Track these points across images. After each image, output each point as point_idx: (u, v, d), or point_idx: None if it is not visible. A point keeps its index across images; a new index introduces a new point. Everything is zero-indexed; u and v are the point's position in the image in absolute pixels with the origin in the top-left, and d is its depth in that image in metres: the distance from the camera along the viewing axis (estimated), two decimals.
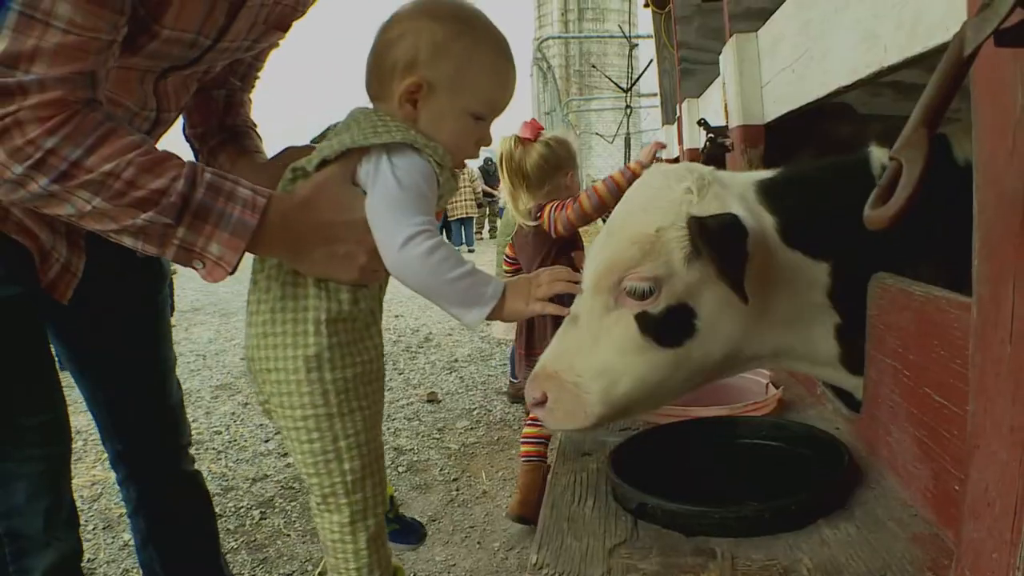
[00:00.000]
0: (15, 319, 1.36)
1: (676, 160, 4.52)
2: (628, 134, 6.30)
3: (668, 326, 1.06)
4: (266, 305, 1.23)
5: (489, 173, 15.99)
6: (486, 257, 13.65)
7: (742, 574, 0.84)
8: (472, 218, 15.53)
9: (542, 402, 1.11)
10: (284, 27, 1.48)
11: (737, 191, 1.11)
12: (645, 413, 1.24)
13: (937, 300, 0.84)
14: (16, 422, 1.37)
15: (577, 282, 1.14)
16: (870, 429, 1.08)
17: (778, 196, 1.12)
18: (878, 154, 1.12)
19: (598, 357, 1.09)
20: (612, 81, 7.76)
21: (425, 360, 5.63)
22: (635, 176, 2.88)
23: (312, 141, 1.42)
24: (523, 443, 2.88)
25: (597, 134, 17.79)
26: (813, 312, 1.11)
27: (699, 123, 2.17)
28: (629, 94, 6.73)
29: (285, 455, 3.67)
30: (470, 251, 14.85)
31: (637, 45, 6.25)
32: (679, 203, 1.06)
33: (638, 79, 8.07)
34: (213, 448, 3.83)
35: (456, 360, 5.57)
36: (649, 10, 5.73)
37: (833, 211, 1.09)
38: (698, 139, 3.43)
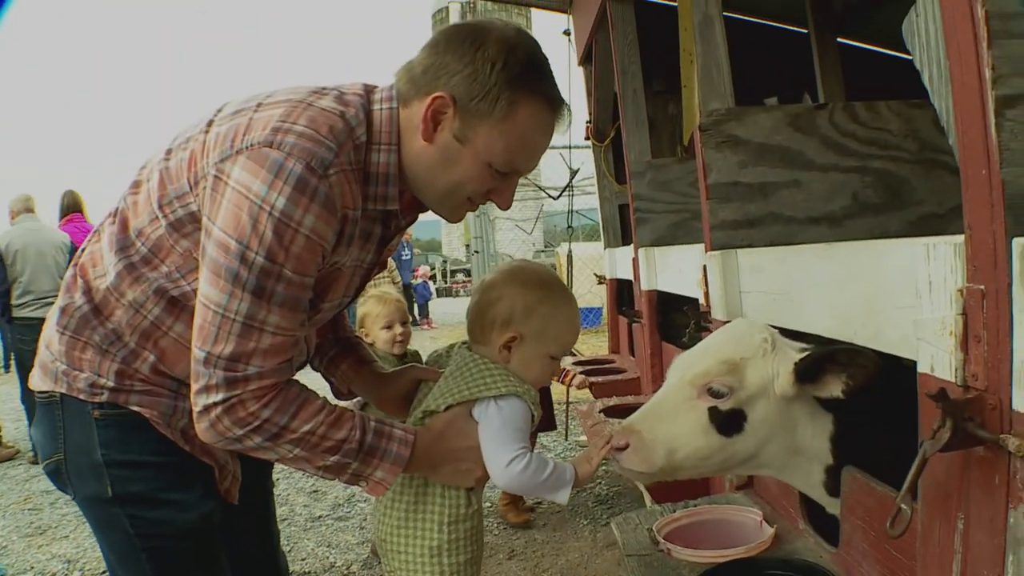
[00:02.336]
0: (213, 526, 1.69)
1: (630, 282, 5.20)
2: (571, 251, 7.02)
3: (728, 421, 1.67)
4: (401, 505, 1.73)
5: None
6: (416, 343, 14.10)
7: None
8: None
9: (625, 447, 1.69)
10: (385, 261, 1.91)
11: (794, 349, 1.71)
12: (684, 475, 1.76)
13: (889, 498, 1.48)
14: None
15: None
16: (847, 561, 1.72)
17: None
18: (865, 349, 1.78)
19: (673, 428, 1.69)
20: (544, 191, 8.55)
21: None
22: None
23: (429, 357, 1.99)
24: None
25: (500, 217, 18.51)
26: (817, 448, 1.71)
27: (684, 310, 2.83)
28: (571, 214, 7.50)
29: None
30: None
31: (578, 170, 7.06)
32: (759, 347, 1.70)
33: (566, 188, 8.83)
34: None
35: None
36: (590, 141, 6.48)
37: None
38: (655, 282, 4.13)
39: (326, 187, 1.41)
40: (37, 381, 1.66)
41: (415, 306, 18.55)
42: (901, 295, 1.39)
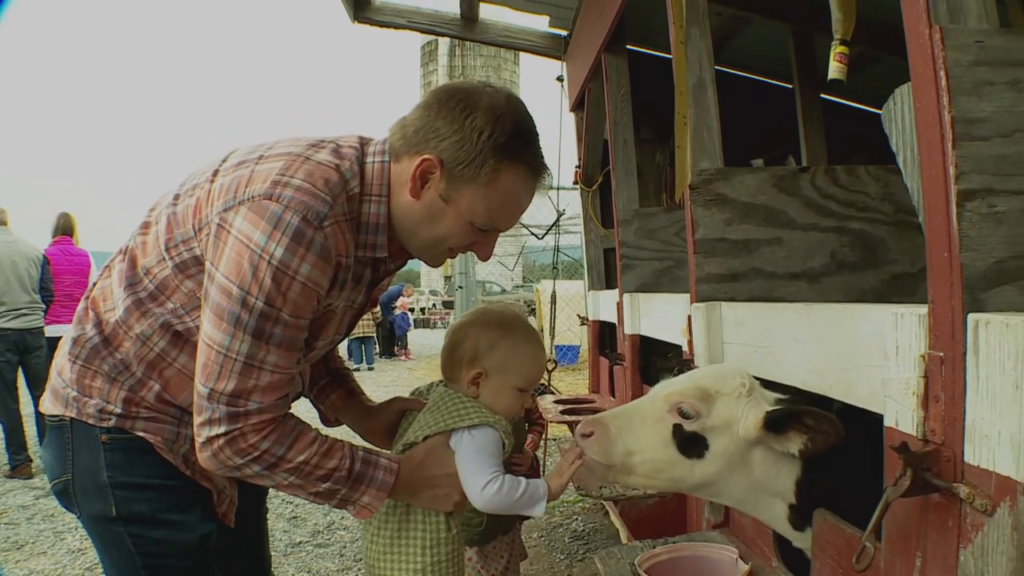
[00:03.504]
0: (209, 547, 1.80)
1: (612, 324, 5.34)
2: (555, 292, 7.19)
3: (688, 442, 1.80)
4: (387, 532, 1.85)
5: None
6: (387, 376, 14.22)
7: None
8: (371, 337, 16.22)
9: (590, 434, 1.81)
10: (376, 300, 2.03)
11: (767, 399, 1.86)
12: (638, 484, 1.89)
13: (856, 538, 1.62)
14: None
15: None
16: None
17: None
18: (836, 402, 1.92)
19: (636, 432, 1.82)
20: (530, 230, 8.72)
21: None
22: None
23: (412, 393, 2.09)
24: None
25: None
26: (780, 487, 1.84)
27: (668, 356, 2.98)
28: (556, 253, 7.67)
29: None
30: (369, 369, 15.36)
31: (563, 212, 7.26)
32: (736, 387, 1.84)
33: (551, 228, 9.00)
34: None
35: None
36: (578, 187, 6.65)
37: None
38: (639, 327, 4.29)
39: (321, 238, 1.53)
40: (48, 405, 1.78)
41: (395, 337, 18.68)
42: (871, 356, 1.55)
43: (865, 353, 1.59)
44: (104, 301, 1.74)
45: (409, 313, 20.40)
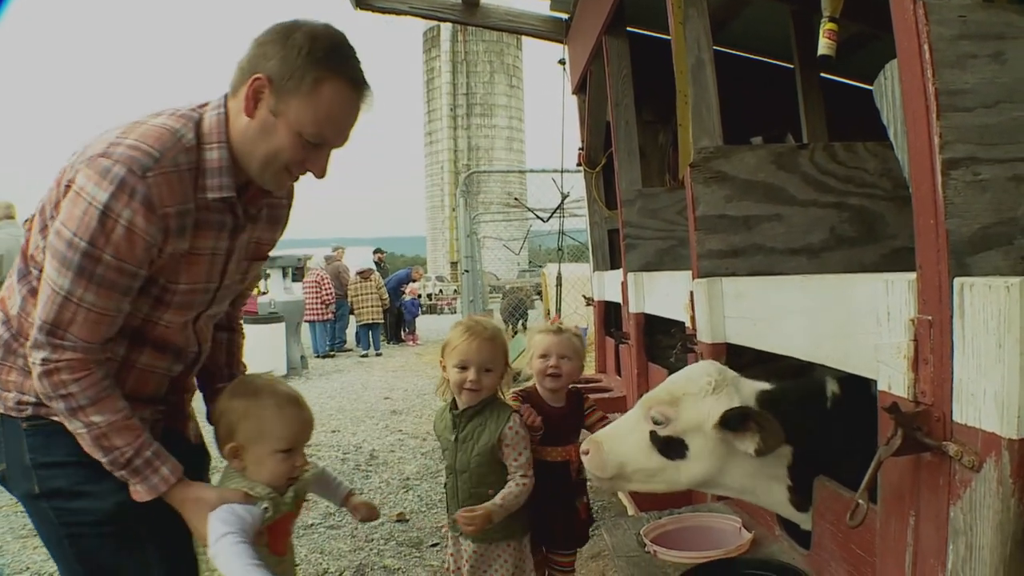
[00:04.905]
0: (129, 514, 1.85)
1: (617, 304, 5.39)
2: (560, 273, 7.24)
3: (666, 445, 1.91)
4: None
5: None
6: (395, 361, 14.28)
7: None
8: (379, 324, 16.18)
9: (587, 452, 1.98)
10: (261, 257, 2.14)
11: (745, 391, 1.94)
12: (638, 487, 2.04)
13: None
14: None
15: None
16: (818, 561, 1.91)
17: (769, 401, 1.94)
18: (831, 384, 1.98)
19: (623, 443, 1.97)
20: (535, 213, 8.79)
21: (379, 479, 6.15)
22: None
23: None
24: None
25: (488, 237, 18.89)
26: (774, 474, 1.92)
27: (672, 332, 3.03)
28: (561, 236, 7.72)
29: None
30: (377, 354, 15.39)
31: (568, 195, 7.28)
32: (702, 387, 1.92)
33: (557, 209, 9.04)
34: None
35: (408, 478, 6.11)
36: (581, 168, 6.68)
37: (800, 416, 1.91)
38: (643, 305, 4.33)
39: (144, 187, 1.68)
40: None
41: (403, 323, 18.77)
42: (866, 324, 1.59)
43: (860, 322, 1.63)
44: (9, 299, 1.88)
45: (418, 299, 20.48)
